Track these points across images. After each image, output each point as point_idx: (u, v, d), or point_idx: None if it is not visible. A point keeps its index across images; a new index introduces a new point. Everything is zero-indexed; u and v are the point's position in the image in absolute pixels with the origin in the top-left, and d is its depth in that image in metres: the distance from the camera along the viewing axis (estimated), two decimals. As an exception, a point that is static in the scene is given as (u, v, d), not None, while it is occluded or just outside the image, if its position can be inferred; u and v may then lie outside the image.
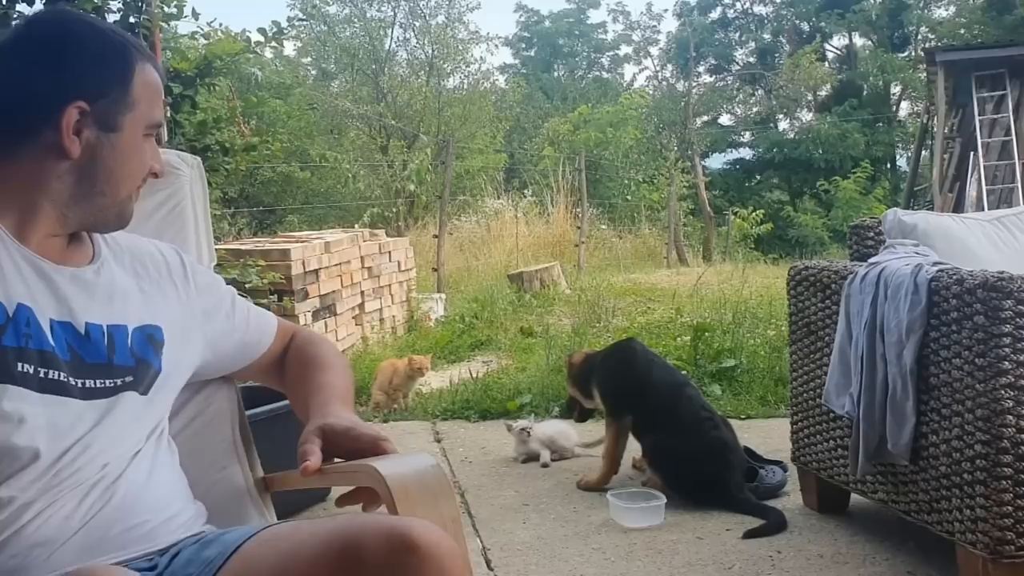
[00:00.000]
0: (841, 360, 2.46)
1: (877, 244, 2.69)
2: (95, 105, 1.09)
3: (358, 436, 1.19)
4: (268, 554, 1.06)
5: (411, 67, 17.91)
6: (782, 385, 4.26)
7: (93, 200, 1.13)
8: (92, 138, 1.10)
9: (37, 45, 1.10)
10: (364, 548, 0.97)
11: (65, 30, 1.12)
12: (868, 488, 2.46)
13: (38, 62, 1.09)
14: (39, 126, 1.08)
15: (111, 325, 1.13)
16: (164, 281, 1.26)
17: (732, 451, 3.00)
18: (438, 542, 0.98)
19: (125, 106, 1.12)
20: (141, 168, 1.16)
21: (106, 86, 1.11)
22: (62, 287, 1.10)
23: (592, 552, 2.57)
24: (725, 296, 6.18)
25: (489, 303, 7.30)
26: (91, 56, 1.11)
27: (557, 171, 12.51)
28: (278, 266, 5.00)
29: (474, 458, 3.60)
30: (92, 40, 1.12)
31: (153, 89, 1.16)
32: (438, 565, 0.96)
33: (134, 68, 1.13)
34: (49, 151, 1.09)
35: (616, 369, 3.21)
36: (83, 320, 1.10)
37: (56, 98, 1.08)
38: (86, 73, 1.10)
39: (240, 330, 1.36)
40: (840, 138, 21.13)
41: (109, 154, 1.12)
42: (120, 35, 1.16)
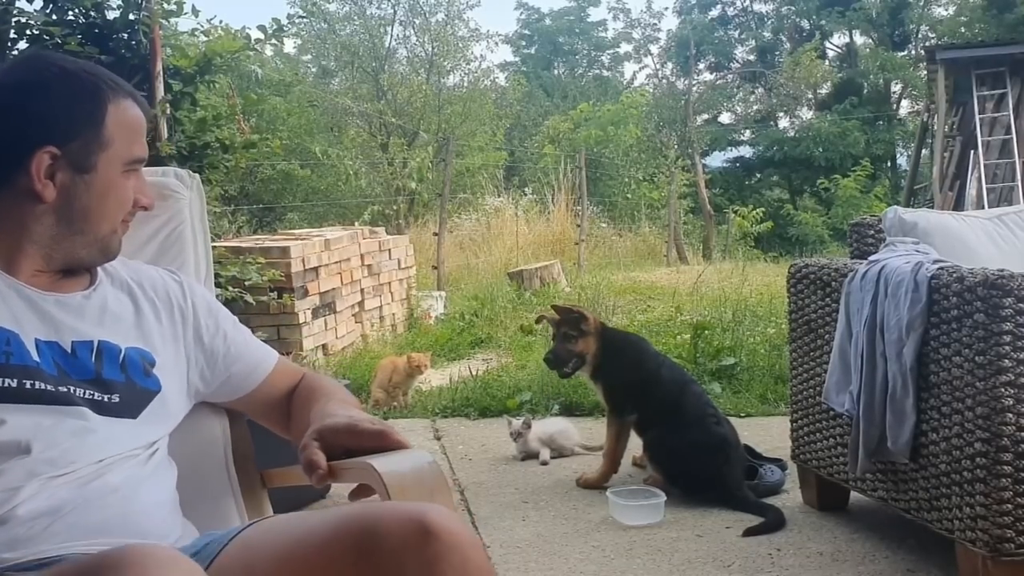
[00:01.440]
0: (841, 358, 2.45)
1: (877, 242, 2.69)
2: (66, 148, 1.11)
3: (360, 432, 1.19)
4: (272, 540, 1.06)
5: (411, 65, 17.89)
6: (782, 383, 4.25)
7: (73, 239, 1.15)
8: (66, 180, 1.12)
9: (5, 92, 1.13)
10: (382, 533, 0.97)
11: (33, 76, 1.14)
12: (868, 486, 2.46)
13: (5, 110, 1.11)
14: (12, 172, 1.11)
15: (102, 341, 1.16)
16: (161, 304, 1.27)
17: (733, 448, 3.00)
18: (458, 527, 0.99)
19: (98, 146, 1.13)
20: (121, 204, 1.18)
21: (76, 128, 1.12)
22: (48, 310, 1.14)
23: (592, 550, 2.57)
24: (725, 294, 6.19)
25: (489, 301, 7.30)
26: (59, 100, 1.12)
27: (557, 169, 12.51)
28: (278, 264, 4.99)
29: (474, 455, 3.60)
30: (59, 84, 1.13)
31: (130, 126, 1.17)
32: (460, 551, 0.96)
33: (106, 107, 1.14)
34: (25, 195, 1.11)
35: (624, 366, 3.17)
36: (69, 339, 1.14)
37: (25, 144, 1.10)
38: (54, 117, 1.11)
39: (240, 354, 1.36)
40: (840, 136, 21.10)
41: (84, 194, 1.14)
42: (92, 74, 1.16)
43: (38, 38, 4.11)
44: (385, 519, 0.99)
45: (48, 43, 4.05)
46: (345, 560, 0.98)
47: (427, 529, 0.96)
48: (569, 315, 3.24)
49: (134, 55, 4.11)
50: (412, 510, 1.00)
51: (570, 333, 3.18)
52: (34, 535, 1.02)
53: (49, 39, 4.03)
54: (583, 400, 4.22)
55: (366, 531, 0.98)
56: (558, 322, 3.25)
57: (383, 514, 1.00)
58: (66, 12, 4.10)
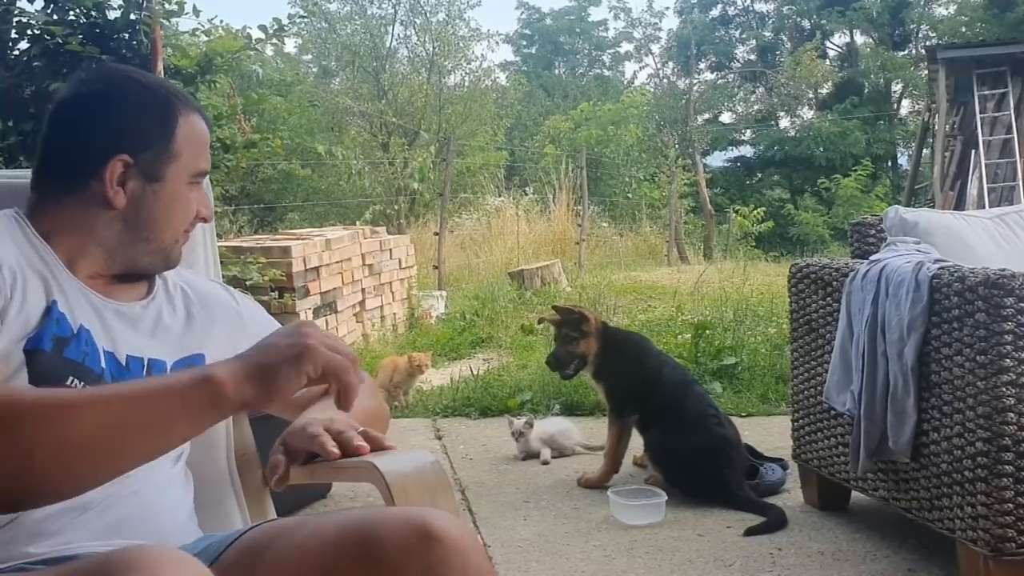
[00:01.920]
0: (842, 357, 2.45)
1: (878, 242, 2.69)
2: (138, 157, 1.15)
3: (308, 436, 1.15)
4: (274, 544, 1.06)
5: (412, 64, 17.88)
6: (783, 383, 4.26)
7: (138, 246, 1.19)
8: (136, 189, 1.16)
9: (84, 102, 1.17)
10: (384, 538, 0.97)
11: (110, 87, 1.18)
12: (869, 486, 2.46)
13: (84, 118, 1.16)
14: (86, 178, 1.15)
15: (152, 359, 1.18)
16: (216, 312, 1.29)
17: (734, 448, 3.00)
18: (459, 531, 0.99)
19: (168, 157, 1.17)
20: (186, 215, 1.22)
21: (149, 139, 1.16)
22: (108, 318, 1.16)
23: (593, 549, 2.57)
24: (726, 294, 6.18)
25: (490, 301, 7.30)
26: (134, 111, 1.16)
27: (558, 169, 12.50)
28: (279, 263, 5.00)
29: (475, 455, 3.60)
30: (136, 95, 1.17)
31: (197, 139, 1.21)
32: (461, 554, 0.97)
33: (177, 120, 1.18)
34: (95, 200, 1.15)
35: (626, 366, 3.16)
36: (125, 353, 1.15)
37: (101, 152, 1.14)
38: (130, 128, 1.16)
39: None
40: (841, 136, 21.10)
41: (153, 203, 1.17)
42: (165, 88, 1.21)
43: (39, 38, 4.11)
44: (387, 524, 0.99)
45: (49, 43, 4.05)
46: (347, 565, 0.99)
47: (428, 533, 0.97)
48: (570, 316, 3.24)
49: (135, 55, 4.11)
50: (413, 514, 1.00)
51: (571, 334, 3.18)
52: (57, 530, 1.03)
53: (50, 39, 4.03)
54: (584, 400, 4.22)
55: (368, 536, 0.99)
56: (559, 323, 3.25)
57: (384, 519, 1.00)
58: (67, 12, 4.11)
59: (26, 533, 1.00)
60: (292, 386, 0.98)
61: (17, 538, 1.00)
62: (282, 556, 1.04)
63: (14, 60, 4.26)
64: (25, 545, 1.01)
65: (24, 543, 1.01)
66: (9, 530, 1.01)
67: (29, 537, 1.00)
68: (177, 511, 1.18)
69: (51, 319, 1.08)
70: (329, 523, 1.05)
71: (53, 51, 4.09)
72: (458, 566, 0.97)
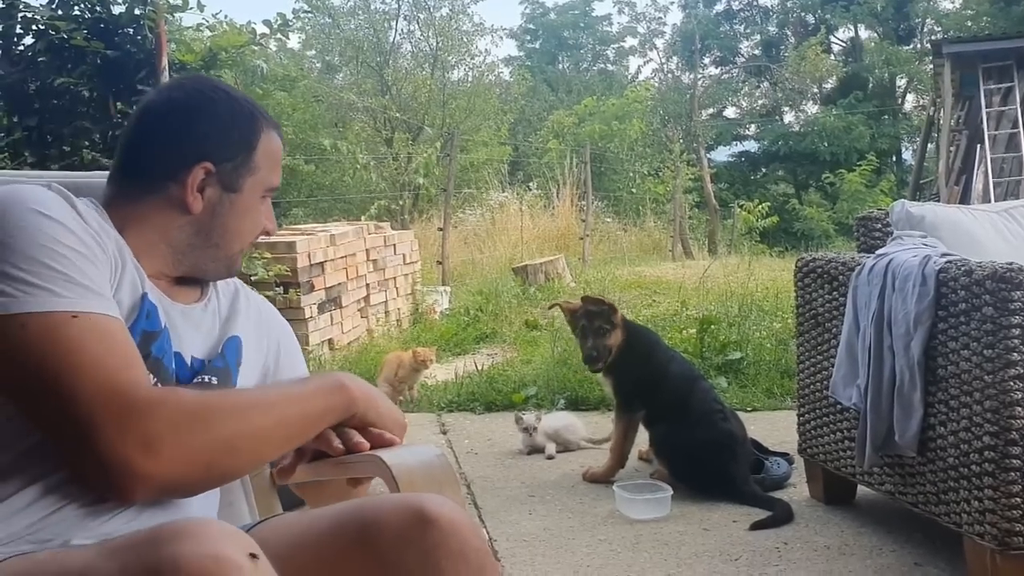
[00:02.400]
0: (848, 352, 2.45)
1: (884, 236, 2.68)
2: (220, 167, 1.18)
3: (342, 428, 1.18)
4: (277, 537, 1.07)
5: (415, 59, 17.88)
6: (788, 377, 4.25)
7: (207, 252, 1.21)
8: (214, 196, 1.18)
9: (174, 107, 1.20)
10: (381, 524, 0.99)
11: (201, 96, 1.21)
12: (875, 480, 2.46)
13: (173, 123, 1.18)
14: (167, 180, 1.17)
15: (211, 361, 1.20)
16: (251, 323, 1.30)
17: (739, 444, 3.00)
18: (456, 514, 1.00)
19: (247, 170, 1.20)
20: (255, 227, 1.25)
21: (233, 151, 1.19)
22: (175, 318, 1.17)
23: (598, 543, 2.57)
24: (731, 289, 6.17)
25: (494, 296, 7.30)
26: (223, 122, 1.19)
27: (562, 164, 12.49)
28: (284, 259, 5.00)
29: (480, 450, 3.60)
30: (226, 107, 1.20)
31: (274, 156, 1.24)
32: (458, 536, 0.98)
33: (260, 135, 1.22)
34: (173, 203, 1.17)
35: (636, 361, 3.13)
36: (189, 354, 1.17)
37: (186, 158, 1.16)
38: (217, 137, 1.18)
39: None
40: (845, 131, 21.06)
41: (228, 212, 1.20)
42: (251, 103, 1.24)
43: (44, 33, 4.12)
44: (384, 510, 1.01)
45: (54, 38, 4.06)
46: (347, 553, 1.01)
47: (424, 517, 0.98)
48: (601, 307, 3.12)
49: (139, 50, 4.12)
50: (410, 500, 1.02)
51: (604, 327, 3.09)
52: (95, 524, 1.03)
53: (55, 34, 4.04)
54: (589, 394, 4.22)
55: (365, 523, 1.00)
56: (587, 314, 3.12)
57: (381, 505, 1.02)
58: (72, 7, 4.11)
59: (68, 527, 1.00)
60: (372, 414, 1.18)
61: (59, 534, 1.00)
62: (286, 548, 1.05)
63: (19, 55, 4.27)
64: (66, 536, 1.01)
65: (64, 535, 1.00)
66: (49, 526, 1.00)
67: (70, 531, 1.00)
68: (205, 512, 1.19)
69: (142, 312, 1.10)
70: (328, 512, 1.07)
71: (58, 46, 4.10)
72: (455, 548, 0.98)
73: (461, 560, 0.98)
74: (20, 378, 0.97)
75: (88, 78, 4.09)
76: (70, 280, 1.00)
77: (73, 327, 0.98)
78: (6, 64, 4.26)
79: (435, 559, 0.97)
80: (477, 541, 1.01)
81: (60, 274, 0.99)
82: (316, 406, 1.12)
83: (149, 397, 0.99)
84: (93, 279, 1.02)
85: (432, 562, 0.97)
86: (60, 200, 1.07)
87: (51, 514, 0.99)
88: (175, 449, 0.97)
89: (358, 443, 1.16)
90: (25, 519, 0.98)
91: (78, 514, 1.01)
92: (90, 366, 0.97)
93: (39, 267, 0.99)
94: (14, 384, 0.98)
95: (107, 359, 0.99)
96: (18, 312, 0.96)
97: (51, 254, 1.00)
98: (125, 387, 0.98)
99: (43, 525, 0.99)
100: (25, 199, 1.03)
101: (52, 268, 0.99)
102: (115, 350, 1.00)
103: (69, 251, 1.01)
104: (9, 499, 0.98)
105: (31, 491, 0.99)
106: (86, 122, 4.16)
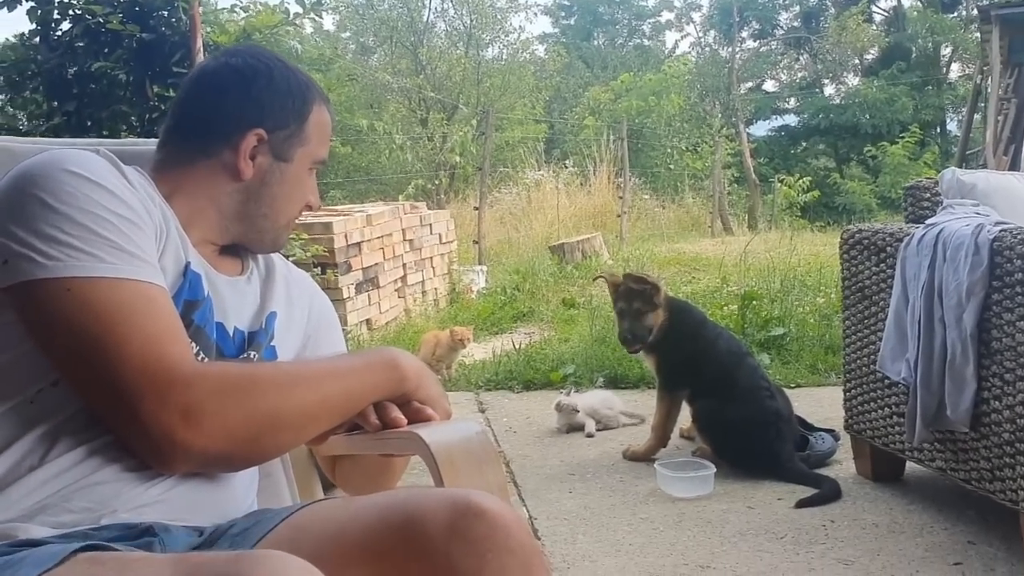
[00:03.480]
0: (897, 325, 2.38)
1: (934, 206, 2.60)
2: (273, 135, 1.18)
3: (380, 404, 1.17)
4: (319, 523, 1.05)
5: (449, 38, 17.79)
6: (832, 353, 4.17)
7: (255, 221, 1.20)
8: (264, 164, 1.18)
9: (231, 72, 1.20)
10: (427, 517, 0.96)
11: (258, 62, 1.21)
12: (925, 456, 2.40)
13: (229, 89, 1.18)
14: (220, 145, 1.17)
15: (252, 332, 1.19)
16: (290, 297, 1.29)
17: (785, 421, 2.94)
18: (503, 508, 0.97)
19: (299, 140, 1.20)
20: (301, 199, 1.24)
21: (286, 119, 1.19)
22: (219, 289, 1.16)
23: (640, 521, 2.54)
24: (773, 264, 6.06)
25: (530, 275, 7.26)
26: (277, 91, 1.19)
27: (599, 141, 12.37)
28: (321, 239, 5.01)
29: (518, 428, 3.58)
30: (281, 75, 1.20)
31: (325, 130, 1.24)
32: (504, 530, 0.95)
33: (312, 107, 1.22)
34: (224, 168, 1.17)
35: (682, 340, 3.05)
36: (233, 324, 1.16)
37: (242, 122, 1.17)
38: (272, 105, 1.18)
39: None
40: (888, 102, 20.59)
41: (277, 181, 1.20)
42: (305, 76, 1.24)
43: (81, 18, 4.14)
44: (430, 502, 0.98)
45: (91, 23, 4.08)
46: (390, 545, 0.98)
47: (471, 510, 0.96)
48: (643, 286, 3.05)
49: (174, 32, 4.13)
50: (457, 493, 0.99)
51: (643, 307, 3.02)
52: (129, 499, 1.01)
53: (92, 18, 4.06)
54: (628, 372, 4.18)
55: (410, 515, 0.98)
56: (627, 292, 3.05)
57: (427, 497, 1.00)
58: (107, -10, 4.12)
59: (109, 494, 0.99)
60: (422, 393, 1.16)
61: (100, 502, 0.99)
62: (328, 535, 1.03)
63: (57, 41, 4.30)
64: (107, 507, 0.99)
65: (106, 505, 0.99)
66: (90, 490, 0.99)
67: (111, 499, 0.99)
68: (245, 491, 1.18)
69: (186, 280, 1.09)
70: (373, 504, 1.04)
71: (94, 31, 4.12)
72: (502, 542, 0.95)
73: (507, 554, 0.95)
74: (64, 343, 0.97)
75: (124, 62, 4.10)
76: (115, 246, 0.99)
77: (118, 293, 0.98)
78: (45, 50, 4.29)
79: (481, 552, 0.94)
80: (524, 536, 0.98)
81: (106, 240, 0.99)
82: (365, 382, 1.11)
83: (192, 368, 0.99)
84: (139, 246, 1.02)
85: (478, 555, 0.94)
86: (108, 165, 1.06)
87: (92, 475, 0.98)
88: (216, 420, 0.97)
89: (395, 418, 1.14)
90: (64, 481, 0.97)
91: (121, 479, 1.00)
92: (134, 334, 0.97)
93: (85, 232, 0.98)
94: (58, 349, 0.98)
95: (151, 328, 0.98)
96: (63, 276, 0.96)
97: (97, 219, 0.99)
98: (168, 357, 0.97)
99: (84, 487, 0.98)
100: (72, 163, 1.02)
101: (98, 234, 0.99)
102: (159, 319, 1.00)
103: (116, 217, 1.01)
104: (53, 461, 0.97)
105: (75, 454, 0.98)
106: (123, 106, 4.18)
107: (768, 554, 2.28)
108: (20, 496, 0.96)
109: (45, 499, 0.96)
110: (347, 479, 1.38)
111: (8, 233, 0.97)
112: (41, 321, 0.97)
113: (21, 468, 0.97)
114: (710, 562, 2.25)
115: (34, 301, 0.96)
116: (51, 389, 0.99)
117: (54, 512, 0.96)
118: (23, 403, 0.98)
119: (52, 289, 0.96)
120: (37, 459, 0.97)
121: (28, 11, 4.24)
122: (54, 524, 0.95)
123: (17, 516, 0.95)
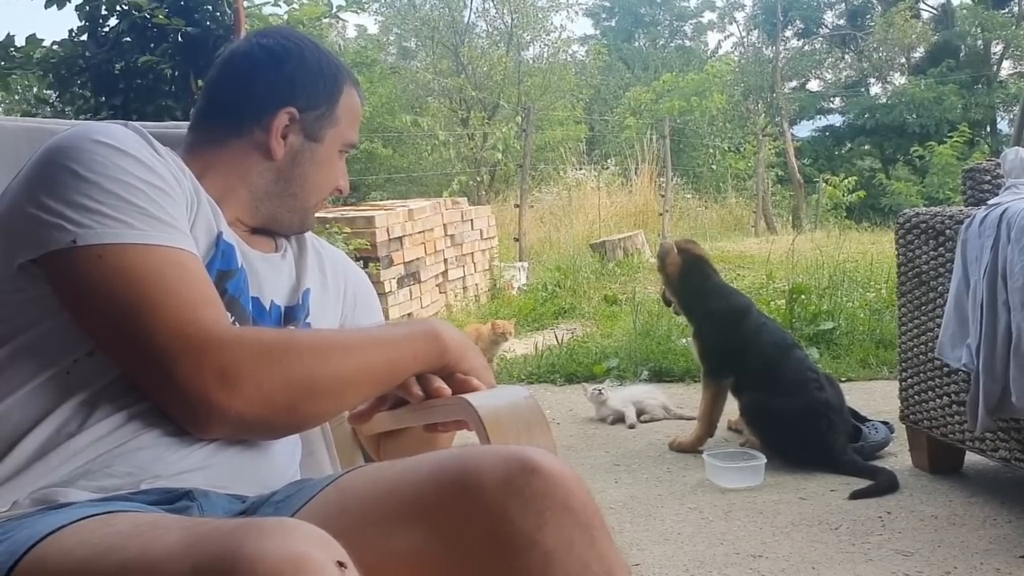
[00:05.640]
0: (957, 310, 2.29)
1: (994, 188, 2.50)
2: (304, 115, 1.18)
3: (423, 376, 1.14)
4: (367, 482, 1.02)
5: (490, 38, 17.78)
6: (884, 348, 4.07)
7: (285, 201, 1.20)
8: (296, 143, 1.18)
9: (263, 52, 1.20)
10: (483, 473, 0.91)
11: (289, 43, 1.21)
12: (987, 446, 2.30)
13: (261, 68, 1.18)
14: (251, 124, 1.17)
15: (289, 307, 1.19)
16: (324, 275, 1.28)
17: (836, 412, 2.85)
18: (560, 466, 0.93)
19: (329, 121, 1.20)
20: (331, 181, 1.24)
21: (318, 100, 1.19)
22: (254, 263, 1.16)
23: (688, 511, 2.48)
24: (820, 261, 5.94)
25: (572, 272, 7.21)
26: (309, 70, 1.19)
27: (640, 140, 12.27)
28: (363, 233, 5.02)
29: (562, 420, 3.54)
30: (312, 55, 1.21)
31: (355, 112, 1.25)
32: (564, 487, 0.91)
33: (343, 89, 1.22)
34: (256, 147, 1.17)
35: (723, 327, 3.02)
36: (269, 298, 1.16)
37: (271, 102, 1.17)
38: (302, 85, 1.18)
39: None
40: (935, 101, 20.15)
41: (308, 161, 1.20)
42: (336, 58, 1.25)
43: (127, 13, 4.20)
44: (486, 458, 0.94)
45: (137, 17, 4.13)
46: (442, 501, 0.93)
47: (529, 467, 0.91)
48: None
49: (219, 26, 4.16)
50: (513, 450, 0.95)
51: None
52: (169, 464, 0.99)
53: (138, 13, 4.11)
54: (673, 366, 4.12)
55: (466, 471, 0.93)
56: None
57: (484, 454, 0.95)
58: (153, -15, 4.17)
59: (148, 459, 0.97)
60: (465, 365, 1.13)
61: (139, 467, 0.97)
62: (377, 494, 0.99)
63: (104, 36, 4.36)
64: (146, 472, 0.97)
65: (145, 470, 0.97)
66: (129, 455, 0.97)
67: (150, 464, 0.97)
68: (287, 461, 1.16)
69: (218, 250, 1.09)
70: (424, 462, 0.99)
71: (140, 25, 4.17)
72: (560, 499, 0.91)
73: (566, 512, 0.91)
74: (97, 311, 0.96)
75: (170, 56, 4.15)
76: (146, 213, 0.99)
77: (150, 259, 0.97)
78: (93, 46, 4.35)
79: (539, 509, 0.90)
80: (584, 494, 0.93)
81: (136, 207, 0.99)
82: (404, 352, 1.09)
83: (227, 331, 0.98)
84: (170, 213, 1.01)
85: (536, 512, 0.90)
86: (136, 135, 1.06)
87: (132, 440, 0.97)
88: (252, 383, 0.96)
89: (439, 388, 1.11)
90: (104, 446, 0.96)
91: (160, 443, 0.98)
92: (167, 299, 0.96)
93: (115, 199, 0.98)
94: (92, 316, 0.97)
95: (184, 292, 0.97)
96: (95, 243, 0.96)
97: (127, 187, 0.99)
98: (202, 320, 0.96)
99: (124, 452, 0.96)
100: (101, 134, 1.02)
101: (128, 201, 0.98)
102: (192, 284, 0.99)
103: (145, 184, 1.00)
104: (92, 427, 0.96)
105: (113, 420, 0.97)
106: (169, 100, 4.22)
107: (822, 544, 2.20)
108: (60, 462, 0.95)
109: (86, 464, 0.95)
110: (391, 459, 1.35)
111: (39, 204, 0.97)
112: (73, 290, 0.97)
113: (60, 435, 0.96)
114: (762, 552, 2.18)
115: (66, 270, 0.96)
116: (87, 359, 0.98)
117: (95, 477, 0.95)
118: (59, 374, 0.98)
119: (84, 257, 0.95)
120: (76, 426, 0.96)
121: (76, 7, 4.31)
122: (95, 488, 0.94)
123: (58, 481, 0.94)
